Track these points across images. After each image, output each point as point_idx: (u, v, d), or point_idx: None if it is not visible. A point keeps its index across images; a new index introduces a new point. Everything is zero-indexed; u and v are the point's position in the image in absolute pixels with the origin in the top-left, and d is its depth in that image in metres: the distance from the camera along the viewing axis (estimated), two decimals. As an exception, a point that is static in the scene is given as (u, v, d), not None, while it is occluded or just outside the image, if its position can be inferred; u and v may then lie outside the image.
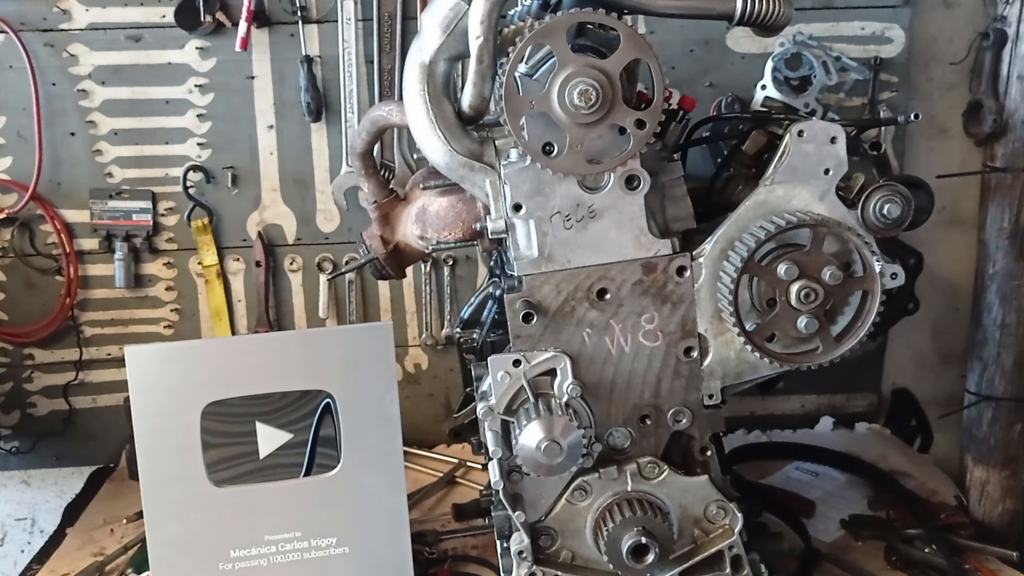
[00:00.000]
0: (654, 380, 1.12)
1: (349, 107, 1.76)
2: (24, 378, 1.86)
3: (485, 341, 1.23)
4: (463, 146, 1.08)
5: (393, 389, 1.28)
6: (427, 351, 1.91)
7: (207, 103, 1.77)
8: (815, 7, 1.76)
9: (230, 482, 1.27)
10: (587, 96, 0.99)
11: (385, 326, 1.29)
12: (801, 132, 1.09)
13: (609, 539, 1.10)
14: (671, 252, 1.09)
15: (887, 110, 1.77)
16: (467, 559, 1.47)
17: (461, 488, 1.73)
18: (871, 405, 1.97)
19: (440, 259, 1.85)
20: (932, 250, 1.36)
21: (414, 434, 1.81)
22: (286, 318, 1.88)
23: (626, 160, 1.04)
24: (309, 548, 1.28)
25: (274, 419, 1.31)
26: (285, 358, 1.28)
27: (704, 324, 1.11)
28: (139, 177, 1.79)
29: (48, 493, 1.93)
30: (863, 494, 1.65)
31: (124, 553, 1.53)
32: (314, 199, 1.83)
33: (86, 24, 1.73)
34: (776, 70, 1.67)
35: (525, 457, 1.06)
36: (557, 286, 1.09)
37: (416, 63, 1.07)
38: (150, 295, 1.85)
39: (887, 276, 1.08)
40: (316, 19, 1.75)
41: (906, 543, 1.46)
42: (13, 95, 1.74)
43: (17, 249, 1.80)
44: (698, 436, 1.14)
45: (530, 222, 1.07)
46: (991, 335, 1.81)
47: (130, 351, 1.26)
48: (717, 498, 1.14)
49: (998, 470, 1.83)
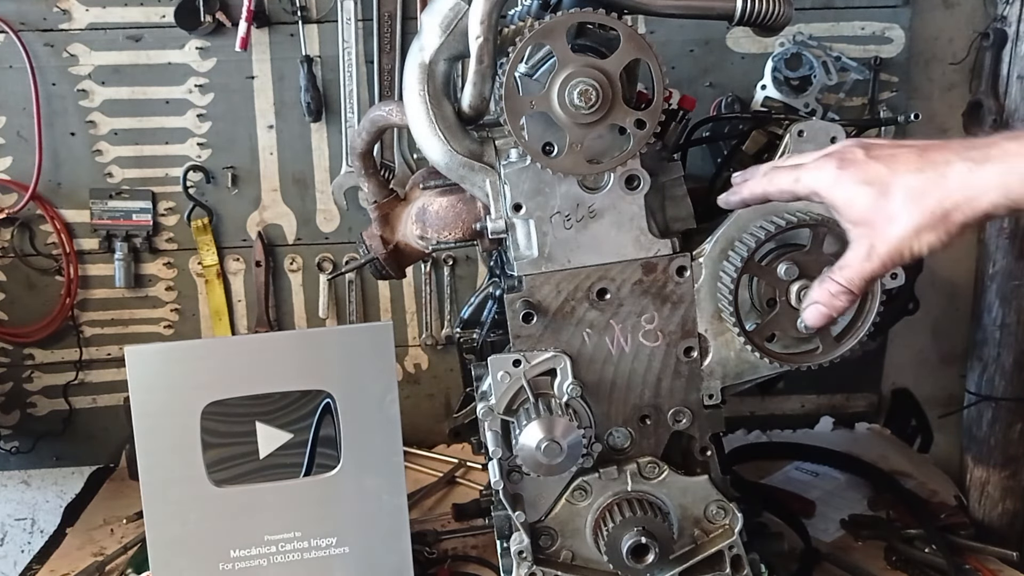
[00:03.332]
0: (654, 380, 1.12)
1: (349, 107, 1.76)
2: (24, 378, 1.86)
3: (485, 341, 1.23)
4: (463, 146, 1.08)
5: (393, 389, 1.28)
6: (427, 351, 1.91)
7: (207, 103, 1.77)
8: (815, 7, 1.76)
9: (230, 482, 1.27)
10: (587, 96, 0.99)
11: (385, 326, 1.28)
12: (801, 132, 1.09)
13: (609, 539, 1.10)
14: (671, 252, 1.09)
15: (887, 110, 1.77)
16: (467, 559, 1.47)
17: (461, 488, 1.73)
18: (871, 405, 1.97)
19: (440, 259, 1.85)
20: (932, 250, 1.36)
21: (414, 434, 1.81)
22: (286, 318, 1.88)
23: (626, 160, 1.04)
24: (309, 548, 1.28)
25: (274, 419, 1.30)
26: (285, 358, 1.28)
27: (704, 324, 1.11)
28: (139, 177, 1.79)
29: (48, 493, 1.93)
30: (863, 494, 1.65)
31: (124, 553, 1.53)
32: (314, 199, 1.83)
33: (86, 24, 1.73)
34: (776, 70, 1.67)
35: (525, 457, 1.06)
36: (557, 286, 1.09)
37: (416, 63, 1.07)
38: (150, 295, 1.85)
39: (887, 276, 1.08)
40: (316, 19, 1.75)
41: (906, 543, 1.46)
42: (13, 95, 1.74)
43: (17, 249, 1.80)
44: (698, 436, 1.14)
45: (530, 222, 1.07)
46: (991, 335, 1.81)
47: (130, 351, 1.26)
48: (717, 498, 1.14)
49: (998, 470, 1.83)
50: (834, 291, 0.93)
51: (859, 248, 0.90)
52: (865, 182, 0.88)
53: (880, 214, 0.87)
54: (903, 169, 0.87)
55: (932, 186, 0.84)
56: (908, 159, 0.87)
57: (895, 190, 0.86)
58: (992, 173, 0.82)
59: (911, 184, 0.86)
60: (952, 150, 0.86)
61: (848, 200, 0.89)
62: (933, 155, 0.86)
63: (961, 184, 0.83)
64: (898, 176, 0.87)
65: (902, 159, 0.88)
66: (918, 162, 0.86)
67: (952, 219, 0.84)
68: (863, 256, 0.89)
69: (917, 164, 0.86)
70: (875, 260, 0.88)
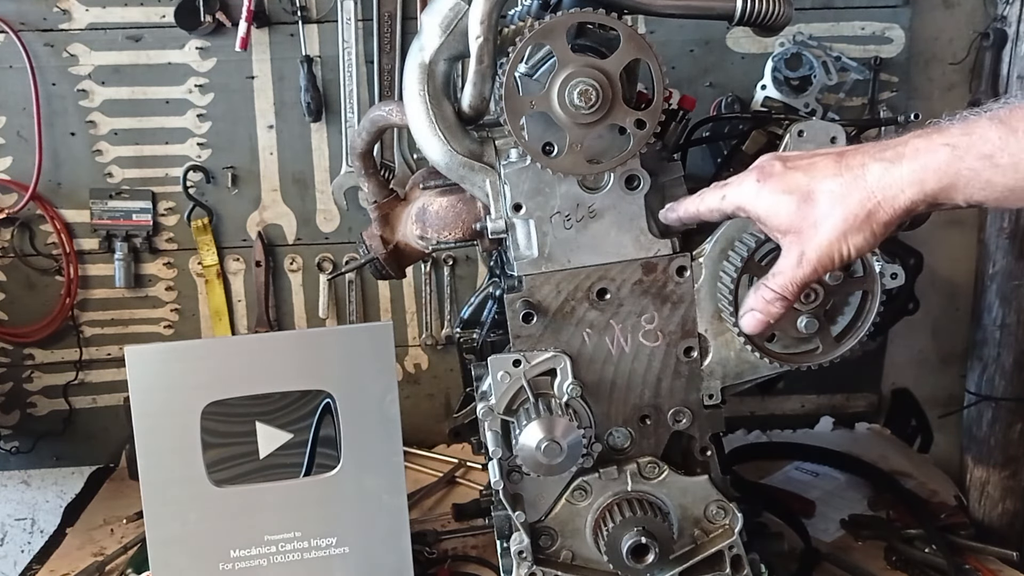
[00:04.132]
0: (654, 380, 1.12)
1: (349, 107, 1.76)
2: (24, 378, 1.86)
3: (485, 341, 1.23)
4: (463, 146, 1.08)
5: (393, 389, 1.28)
6: (427, 351, 1.91)
7: (207, 103, 1.77)
8: (815, 7, 1.76)
9: (230, 482, 1.27)
10: (587, 96, 0.99)
11: (385, 326, 1.28)
12: (801, 132, 1.09)
13: (609, 539, 1.10)
14: (671, 252, 1.09)
15: (887, 110, 1.77)
16: (467, 559, 1.47)
17: (461, 488, 1.73)
18: (871, 405, 1.97)
19: (440, 259, 1.85)
20: (932, 250, 1.36)
21: (414, 434, 1.81)
22: (286, 318, 1.88)
23: (626, 160, 1.04)
24: (309, 548, 1.28)
25: (274, 419, 1.30)
26: (285, 358, 1.28)
27: (704, 324, 1.11)
28: (139, 177, 1.79)
29: (48, 493, 1.93)
30: (863, 494, 1.65)
31: (124, 553, 1.53)
32: (314, 199, 1.83)
33: (86, 24, 1.73)
34: (776, 70, 1.67)
35: (525, 457, 1.06)
36: (557, 286, 1.09)
37: (416, 63, 1.07)
38: (150, 295, 1.85)
39: (887, 276, 1.08)
40: (316, 19, 1.75)
41: (906, 543, 1.46)
42: (13, 95, 1.74)
43: (17, 249, 1.80)
44: (698, 436, 1.14)
45: (530, 222, 1.07)
46: (991, 335, 1.81)
47: (130, 351, 1.26)
48: (717, 498, 1.14)
49: (998, 470, 1.83)
50: (768, 298, 0.95)
51: (790, 255, 0.92)
52: (786, 191, 0.91)
53: (805, 221, 0.89)
54: (822, 175, 0.89)
55: (852, 189, 0.87)
56: (826, 166, 0.90)
57: (817, 196, 0.89)
58: (906, 171, 0.85)
59: (831, 189, 0.88)
60: (867, 153, 0.88)
61: (771, 210, 0.92)
62: (850, 160, 0.89)
63: (879, 185, 0.86)
64: (818, 182, 0.89)
65: (820, 166, 0.90)
66: (836, 168, 0.89)
67: (875, 219, 0.86)
68: (794, 263, 0.91)
69: (835, 169, 0.89)
70: (806, 266, 0.91)
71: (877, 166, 0.86)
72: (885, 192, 0.86)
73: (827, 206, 0.88)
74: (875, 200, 0.86)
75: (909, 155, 0.85)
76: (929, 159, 0.84)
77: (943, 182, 0.84)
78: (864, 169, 0.87)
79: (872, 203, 0.86)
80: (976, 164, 0.82)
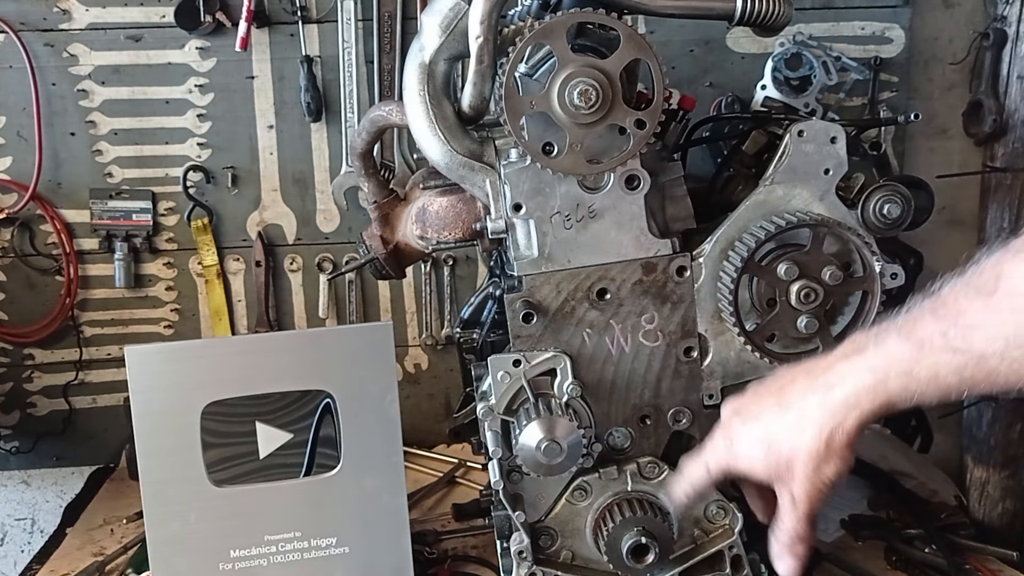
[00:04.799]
0: (654, 380, 1.12)
1: (349, 107, 1.76)
2: (24, 378, 1.86)
3: (485, 341, 1.23)
4: (463, 146, 1.08)
5: (393, 389, 1.28)
6: (427, 351, 1.91)
7: (207, 103, 1.77)
8: (815, 7, 1.76)
9: (230, 482, 1.27)
10: (587, 96, 0.99)
11: (385, 326, 1.29)
12: (801, 132, 1.09)
13: (609, 539, 1.10)
14: (671, 252, 1.09)
15: (887, 110, 1.77)
16: (467, 559, 1.47)
17: (461, 488, 1.73)
18: (871, 405, 1.96)
19: (440, 259, 1.85)
20: (932, 250, 1.35)
21: (414, 434, 1.81)
22: (286, 318, 1.88)
23: (626, 160, 1.04)
24: (309, 548, 1.28)
25: (274, 419, 1.31)
26: (285, 358, 1.28)
27: (704, 324, 1.11)
28: (139, 177, 1.79)
29: (48, 493, 1.93)
30: (863, 494, 1.65)
31: (124, 553, 1.53)
32: (314, 199, 1.83)
33: (86, 24, 1.73)
34: (776, 70, 1.67)
35: (525, 457, 1.06)
36: (557, 286, 1.09)
37: (416, 63, 1.07)
38: (150, 295, 1.85)
39: (887, 276, 1.08)
40: (316, 19, 1.75)
41: (906, 543, 1.46)
42: (13, 95, 1.74)
43: (17, 249, 1.80)
44: (698, 436, 1.14)
45: (530, 222, 1.07)
46: (991, 335, 1.81)
47: (130, 351, 1.26)
48: (717, 498, 1.14)
49: (998, 470, 1.83)
50: (787, 542, 0.95)
51: (784, 500, 0.93)
52: (752, 445, 0.93)
53: (779, 468, 0.91)
54: (773, 419, 0.91)
55: (803, 425, 0.88)
56: (771, 407, 0.92)
57: (777, 442, 0.91)
58: (839, 398, 0.86)
59: (786, 429, 0.90)
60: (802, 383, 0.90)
61: (749, 467, 0.94)
62: (788, 396, 0.91)
63: (822, 415, 0.87)
64: (772, 429, 0.91)
65: (768, 410, 0.92)
66: (779, 408, 0.91)
67: (835, 445, 0.87)
68: (790, 507, 0.93)
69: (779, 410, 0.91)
70: (801, 505, 0.91)
71: (814, 398, 0.88)
72: (831, 421, 0.86)
73: (788, 448, 0.89)
74: (826, 431, 0.87)
75: (837, 383, 0.87)
76: (856, 382, 0.85)
77: (877, 401, 0.84)
78: (804, 402, 0.89)
79: (825, 434, 0.87)
80: (899, 381, 0.83)
